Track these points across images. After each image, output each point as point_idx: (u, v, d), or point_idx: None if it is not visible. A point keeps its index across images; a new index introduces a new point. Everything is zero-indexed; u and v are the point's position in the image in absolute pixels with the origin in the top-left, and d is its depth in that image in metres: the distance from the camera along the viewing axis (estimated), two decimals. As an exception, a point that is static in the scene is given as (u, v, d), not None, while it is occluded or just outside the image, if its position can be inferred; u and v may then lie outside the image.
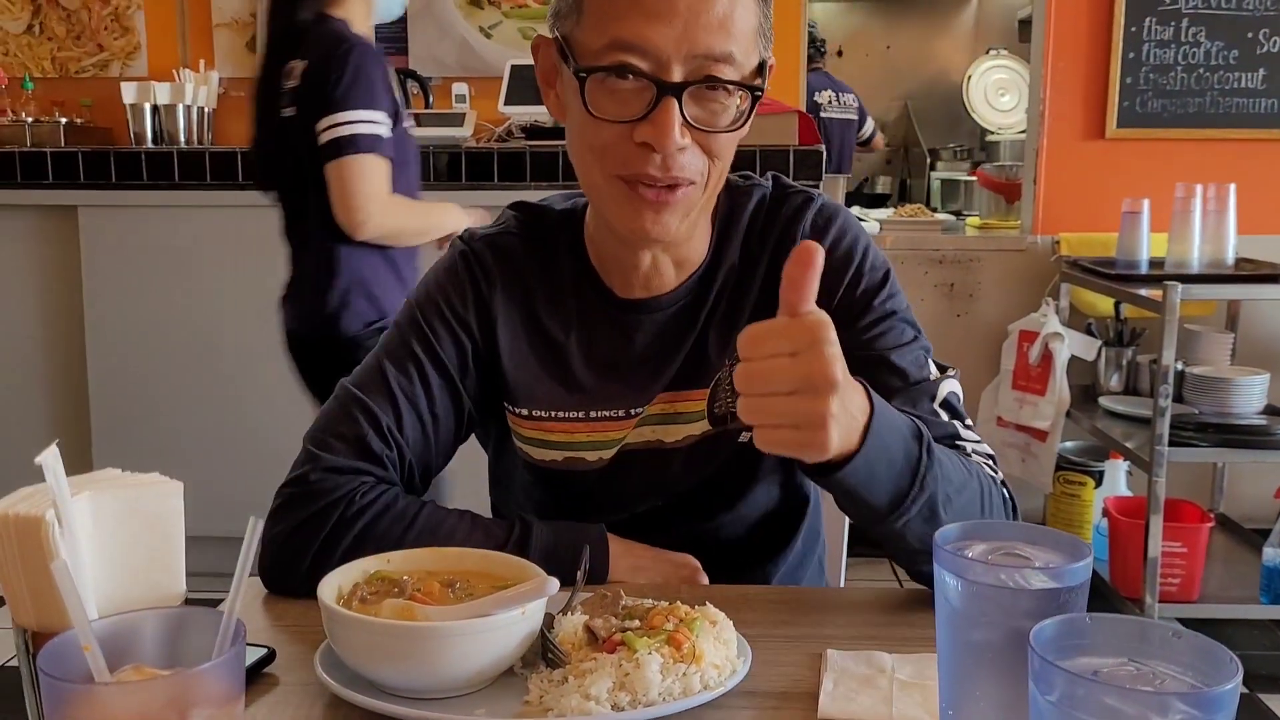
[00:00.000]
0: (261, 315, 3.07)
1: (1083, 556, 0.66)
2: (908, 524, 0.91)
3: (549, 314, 1.11)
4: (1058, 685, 0.53)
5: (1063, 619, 0.57)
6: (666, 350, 1.09)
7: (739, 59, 0.94)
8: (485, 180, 2.98)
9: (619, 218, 1.01)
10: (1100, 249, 3.22)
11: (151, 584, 0.63)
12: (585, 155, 1.00)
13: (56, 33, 3.54)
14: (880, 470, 0.89)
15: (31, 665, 0.63)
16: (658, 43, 0.92)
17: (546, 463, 1.12)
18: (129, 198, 3.05)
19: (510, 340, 1.10)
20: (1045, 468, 3.10)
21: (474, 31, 3.48)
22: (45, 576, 0.61)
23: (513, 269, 1.11)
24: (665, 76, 0.93)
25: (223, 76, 3.51)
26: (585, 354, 1.10)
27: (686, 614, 0.85)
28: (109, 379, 3.13)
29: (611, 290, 1.10)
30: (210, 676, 0.53)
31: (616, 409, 1.09)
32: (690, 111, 0.94)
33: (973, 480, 0.98)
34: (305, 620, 0.95)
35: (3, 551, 0.62)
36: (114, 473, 0.69)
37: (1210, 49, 3.27)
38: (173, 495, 0.68)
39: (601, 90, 0.95)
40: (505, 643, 0.80)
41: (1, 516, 0.62)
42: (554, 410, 1.10)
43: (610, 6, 0.94)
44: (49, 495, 0.62)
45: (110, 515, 0.64)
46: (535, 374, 1.10)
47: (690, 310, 1.09)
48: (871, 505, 0.91)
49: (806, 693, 0.84)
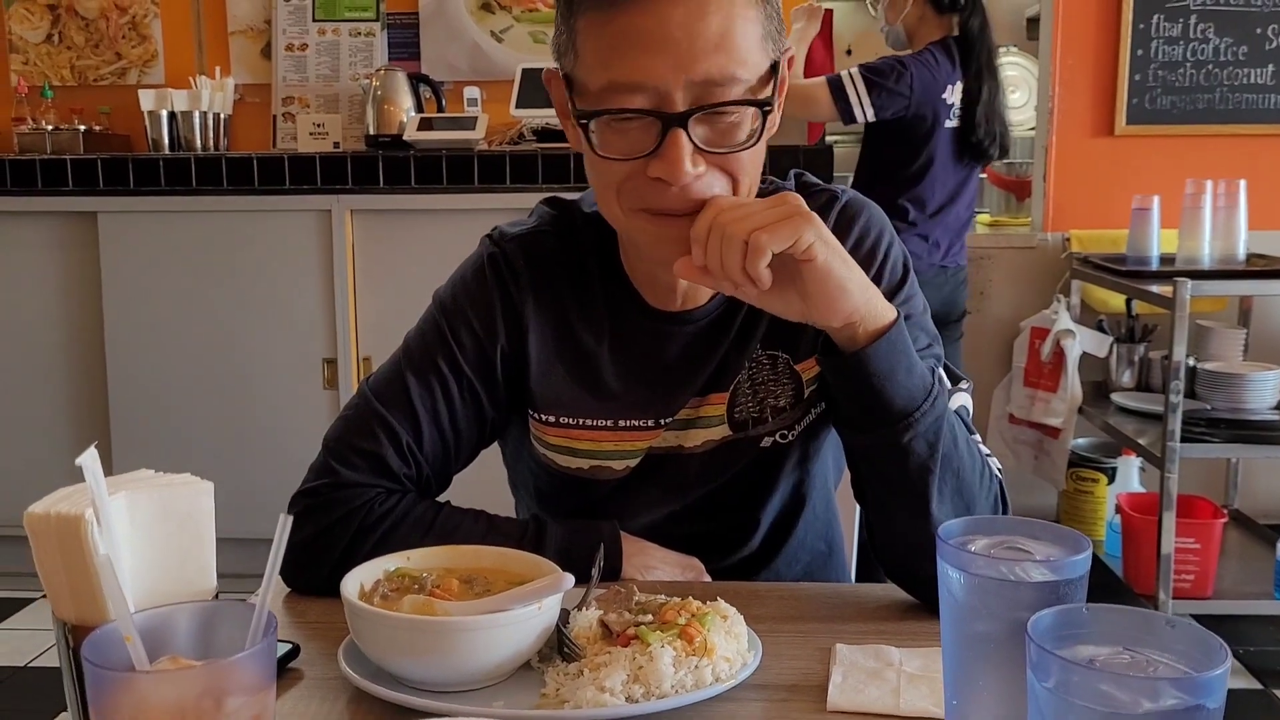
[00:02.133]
0: (278, 318, 3.12)
1: (1081, 550, 0.68)
2: (913, 441, 0.94)
3: (581, 322, 1.09)
4: (1054, 673, 0.55)
5: (1060, 609, 0.59)
6: (697, 360, 1.09)
7: (743, 75, 0.91)
8: (498, 183, 3.00)
9: (650, 249, 1.00)
10: (1111, 245, 3.23)
11: (184, 580, 0.65)
12: (604, 193, 0.98)
13: (75, 41, 3.58)
14: (900, 369, 0.93)
15: (71, 656, 0.66)
16: (656, 76, 0.89)
17: (572, 470, 1.12)
18: (147, 203, 3.09)
19: (540, 347, 1.09)
20: (1058, 464, 3.12)
21: (485, 36, 3.51)
22: (84, 572, 0.64)
23: (545, 273, 1.10)
24: (669, 108, 0.90)
25: (238, 83, 3.55)
26: (616, 363, 1.09)
27: (698, 609, 0.88)
28: (128, 381, 3.17)
29: (644, 301, 1.09)
30: (244, 666, 0.56)
31: (645, 418, 1.09)
32: (701, 136, 0.92)
33: (975, 452, 1.01)
34: (328, 617, 0.97)
35: (44, 548, 0.65)
36: (147, 473, 0.72)
37: (1219, 45, 3.28)
38: (204, 494, 0.71)
39: (609, 130, 0.93)
40: (522, 637, 0.82)
41: (43, 515, 0.64)
42: (582, 418, 1.10)
43: (603, 46, 0.91)
44: (87, 495, 0.65)
45: (145, 514, 0.66)
46: (564, 381, 1.09)
47: (723, 321, 1.09)
48: (885, 403, 0.93)
49: (816, 685, 0.86)
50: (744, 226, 0.87)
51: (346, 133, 3.41)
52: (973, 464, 1.00)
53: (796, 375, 1.10)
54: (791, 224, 0.87)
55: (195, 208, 3.09)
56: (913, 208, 2.88)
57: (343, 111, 3.49)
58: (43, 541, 0.65)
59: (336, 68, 3.52)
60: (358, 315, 3.12)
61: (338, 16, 3.51)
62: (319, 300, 3.10)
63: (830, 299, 0.90)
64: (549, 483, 1.15)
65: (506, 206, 3.00)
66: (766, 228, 0.87)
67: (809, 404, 1.11)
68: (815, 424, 1.12)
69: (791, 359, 1.09)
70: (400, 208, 3.05)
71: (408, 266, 3.06)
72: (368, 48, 3.52)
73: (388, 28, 3.54)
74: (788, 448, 1.12)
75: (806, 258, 0.88)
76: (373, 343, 3.11)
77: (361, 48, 3.52)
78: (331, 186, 3.04)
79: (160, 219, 3.10)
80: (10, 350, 3.21)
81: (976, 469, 1.00)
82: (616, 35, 0.90)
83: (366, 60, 3.51)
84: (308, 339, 3.12)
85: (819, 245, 0.88)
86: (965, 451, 0.99)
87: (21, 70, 3.57)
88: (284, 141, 3.50)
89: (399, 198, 3.04)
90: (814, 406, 1.11)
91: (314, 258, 3.09)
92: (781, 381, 1.10)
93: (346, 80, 3.51)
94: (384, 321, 3.10)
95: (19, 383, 3.22)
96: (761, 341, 1.09)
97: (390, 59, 3.52)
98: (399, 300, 3.06)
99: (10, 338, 3.21)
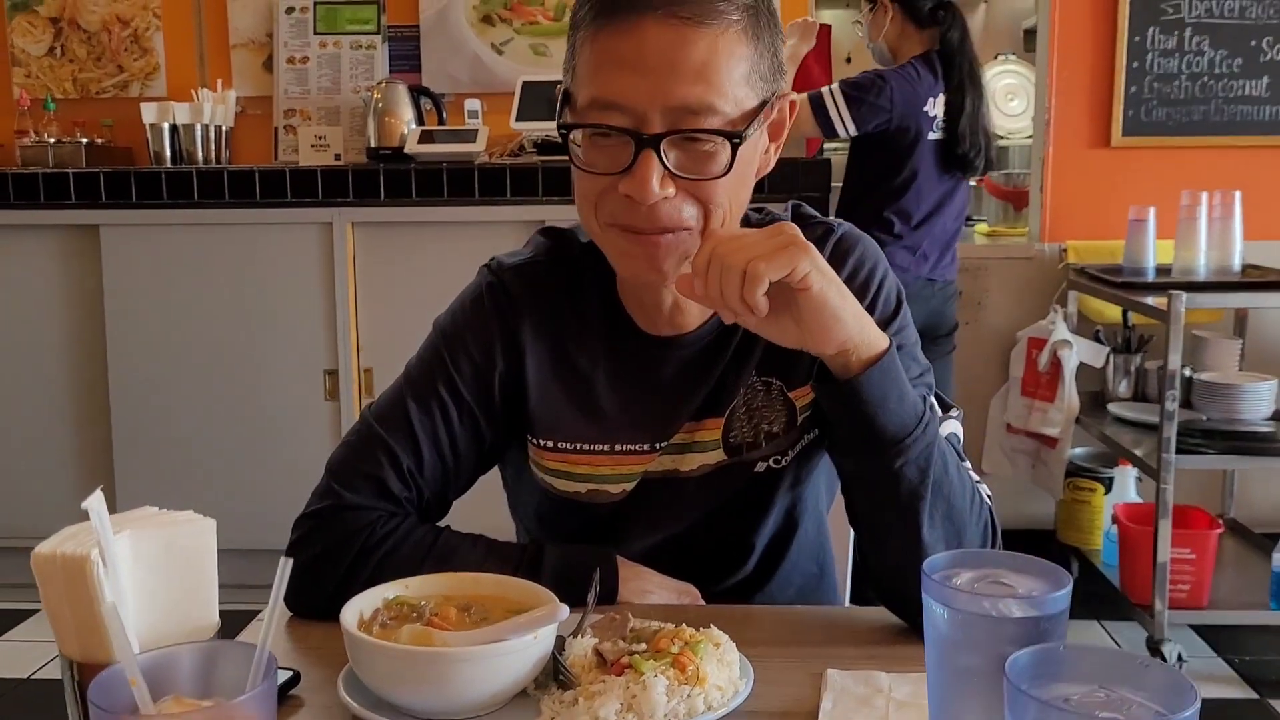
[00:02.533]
0: (279, 329, 3.14)
1: (1062, 586, 0.70)
2: (904, 467, 0.96)
3: (576, 347, 1.12)
4: (1031, 712, 0.57)
5: (1037, 649, 0.61)
6: (691, 384, 1.11)
7: (721, 107, 0.94)
8: (498, 195, 3.02)
9: (618, 263, 1.04)
10: (1107, 256, 3.25)
11: (188, 616, 0.67)
12: (582, 204, 1.02)
13: (77, 54, 3.61)
14: (892, 397, 0.95)
15: (77, 692, 0.68)
16: (634, 97, 0.93)
17: (570, 494, 1.14)
18: (149, 216, 3.11)
19: (537, 372, 1.11)
20: (1055, 474, 3.13)
21: (486, 48, 3.53)
22: (90, 612, 0.65)
23: (541, 299, 1.12)
24: (644, 129, 0.94)
25: (240, 96, 3.57)
26: (611, 387, 1.12)
27: (691, 637, 0.89)
28: (130, 392, 3.19)
29: (638, 326, 1.12)
30: (246, 707, 0.57)
31: (641, 443, 1.11)
32: (674, 160, 0.95)
33: (966, 479, 1.03)
34: (328, 644, 0.99)
35: (51, 588, 0.67)
36: (150, 510, 0.73)
37: (1214, 57, 3.29)
38: (206, 532, 0.73)
39: (590, 144, 0.97)
40: (519, 666, 0.84)
41: (49, 555, 0.66)
42: (578, 442, 1.12)
43: (592, 63, 0.95)
44: (93, 535, 0.67)
45: (149, 553, 0.68)
46: (561, 405, 1.12)
47: (715, 346, 1.11)
48: (878, 430, 0.95)
49: (807, 711, 0.88)
50: (742, 257, 0.89)
51: (348, 145, 3.43)
52: (963, 490, 1.02)
53: (790, 402, 1.11)
54: (788, 254, 0.90)
55: (197, 220, 3.11)
56: (898, 220, 2.90)
57: (344, 124, 3.51)
58: (49, 582, 0.66)
59: (338, 80, 3.54)
60: (359, 327, 3.14)
61: (339, 29, 3.53)
62: (320, 312, 3.12)
63: (825, 327, 0.93)
64: (548, 507, 1.17)
65: (507, 219, 3.02)
66: (764, 257, 0.89)
67: (802, 430, 1.13)
68: (808, 449, 1.14)
69: (785, 386, 1.11)
70: (401, 220, 3.07)
71: (408, 278, 3.08)
72: (369, 60, 3.54)
73: (389, 40, 3.56)
74: (781, 472, 1.14)
75: (802, 286, 0.91)
76: (374, 354, 3.13)
77: (362, 60, 3.54)
78: (333, 199, 3.07)
79: (162, 232, 3.12)
80: (12, 362, 3.23)
81: (967, 495, 1.02)
82: (604, 54, 0.95)
83: (367, 73, 3.53)
84: (309, 350, 3.14)
85: (815, 274, 0.91)
86: (956, 478, 1.01)
87: (24, 83, 3.60)
88: (285, 154, 3.52)
89: (400, 210, 3.06)
90: (807, 433, 1.13)
91: (315, 270, 3.11)
92: (775, 408, 1.11)
93: (348, 93, 3.53)
94: (385, 333, 3.12)
95: (21, 395, 3.24)
96: (757, 368, 1.11)
97: (391, 71, 3.54)
98: (400, 312, 3.08)
99: (13, 349, 3.23)
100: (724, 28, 0.94)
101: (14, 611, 3.10)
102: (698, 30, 0.93)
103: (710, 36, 0.93)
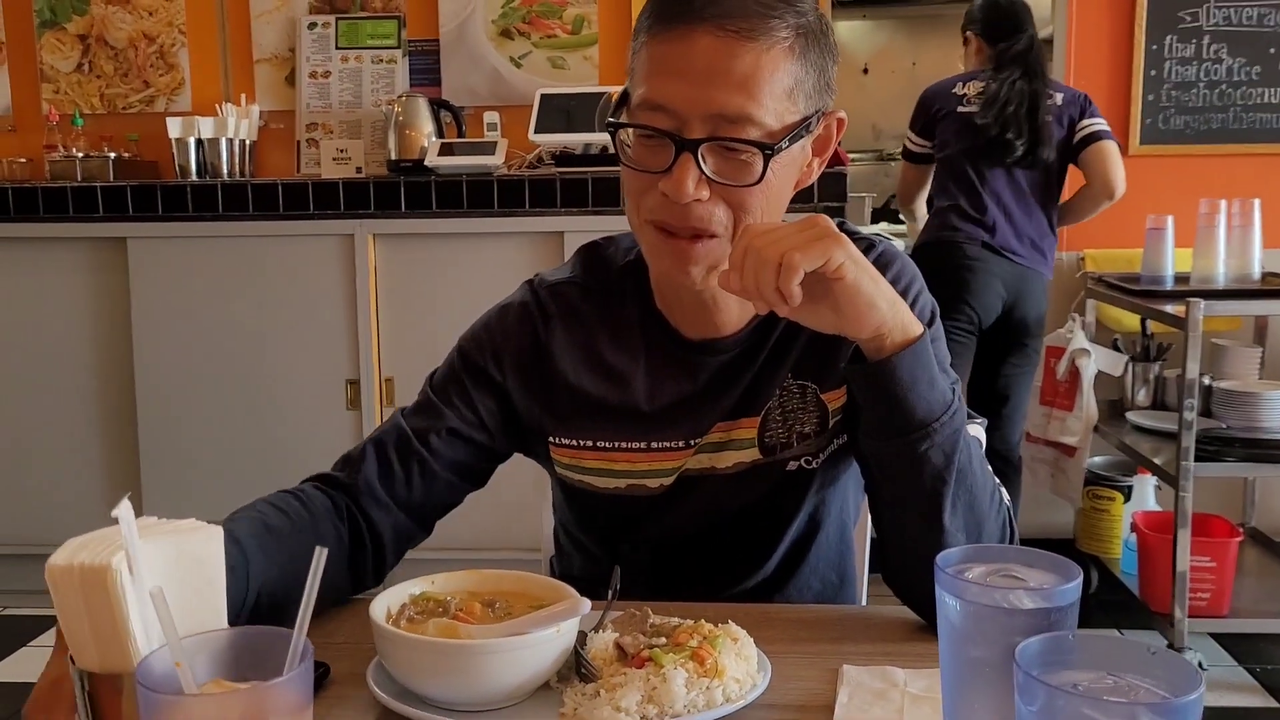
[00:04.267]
0: (302, 339, 3.18)
1: (1072, 578, 0.71)
2: (930, 450, 0.98)
3: (613, 349, 1.16)
4: (1040, 697, 0.59)
5: (1047, 637, 0.62)
6: (727, 385, 1.15)
7: (761, 119, 0.98)
8: (517, 207, 3.06)
9: (652, 259, 1.09)
10: (1126, 265, 3.25)
11: (198, 623, 0.68)
12: (628, 198, 1.07)
13: (105, 70, 3.67)
14: (922, 380, 0.98)
15: (88, 705, 0.69)
16: (677, 101, 0.98)
17: (610, 490, 1.17)
18: (175, 229, 3.16)
19: (571, 376, 1.16)
20: (1074, 483, 3.13)
21: (505, 61, 3.57)
22: (110, 621, 0.67)
23: (576, 309, 1.18)
24: (685, 133, 0.98)
25: (263, 110, 3.62)
26: (649, 387, 1.15)
27: (710, 631, 0.91)
28: (156, 400, 3.23)
29: (678, 330, 1.15)
30: (285, 689, 0.60)
31: (676, 440, 1.15)
32: (712, 165, 0.99)
33: (988, 474, 1.05)
34: (356, 638, 1.02)
35: (67, 599, 0.68)
36: (151, 520, 0.74)
37: (1232, 65, 3.30)
38: (214, 540, 0.74)
39: (637, 142, 1.02)
40: (542, 659, 0.86)
41: (66, 567, 0.67)
42: (617, 440, 1.15)
43: (647, 65, 1.00)
44: (105, 543, 0.68)
45: (161, 561, 0.69)
46: (597, 407, 1.15)
47: (752, 349, 1.15)
48: (906, 411, 0.98)
49: (823, 705, 0.89)
50: (777, 248, 0.92)
51: (369, 158, 3.48)
52: (985, 484, 1.04)
53: (823, 404, 1.15)
54: (822, 245, 0.92)
55: (222, 233, 3.15)
56: (952, 184, 3.15)
57: (365, 137, 3.56)
58: (65, 592, 0.67)
59: (359, 94, 3.59)
60: (380, 336, 3.18)
61: (360, 44, 3.58)
62: (342, 322, 3.16)
63: (859, 313, 0.95)
64: (589, 503, 1.20)
65: (526, 230, 3.06)
66: (799, 248, 0.92)
67: (833, 433, 1.16)
68: (837, 453, 1.18)
69: (819, 389, 1.15)
70: (422, 231, 3.11)
71: (429, 288, 3.11)
72: (389, 74, 3.58)
73: (409, 54, 3.61)
74: (812, 474, 1.17)
75: (837, 276, 0.93)
76: (395, 364, 3.17)
77: (384, 74, 3.59)
78: (354, 211, 3.11)
79: (188, 244, 3.17)
80: (42, 372, 3.28)
81: (988, 490, 1.04)
82: (657, 59, 0.99)
83: (388, 86, 3.57)
84: (331, 360, 3.18)
85: (848, 264, 0.93)
86: (979, 471, 1.03)
87: (53, 99, 3.66)
88: (308, 167, 3.57)
89: (420, 221, 3.10)
90: (837, 436, 1.17)
91: (337, 281, 3.15)
92: (809, 410, 1.15)
93: (369, 106, 3.58)
94: (406, 342, 3.16)
95: (50, 404, 3.29)
96: (792, 371, 1.15)
97: (412, 85, 3.58)
98: (421, 321, 3.12)
99: (42, 359, 3.28)
100: (771, 44, 0.97)
101: (43, 618, 3.15)
102: (745, 44, 0.97)
103: (757, 51, 0.97)
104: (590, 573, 1.21)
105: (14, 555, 3.26)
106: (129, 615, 0.66)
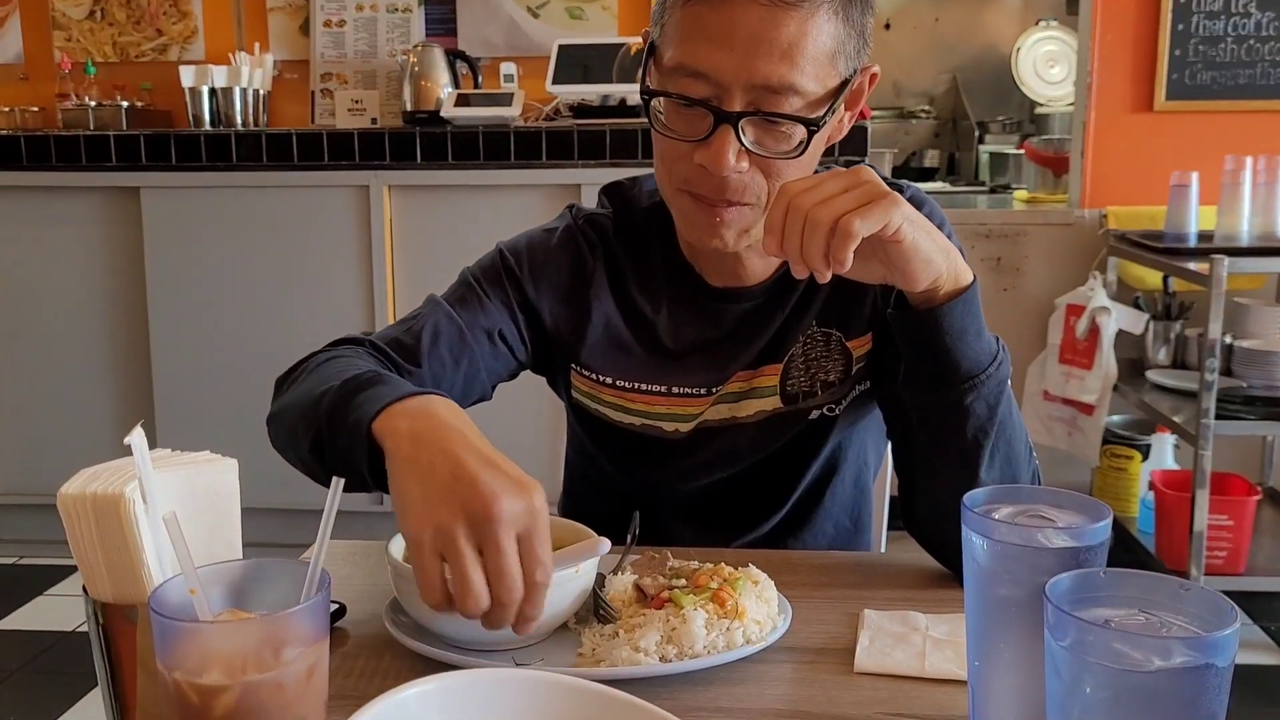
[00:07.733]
0: (317, 290, 3.17)
1: (1102, 518, 0.70)
2: (975, 403, 0.96)
3: (640, 291, 1.15)
4: (1071, 632, 0.57)
5: (1078, 573, 0.61)
6: (750, 334, 1.13)
7: (804, 87, 0.94)
8: (534, 159, 3.03)
9: (682, 225, 1.07)
10: (1148, 222, 3.21)
11: (212, 555, 0.67)
12: (658, 164, 1.04)
13: (117, 18, 3.63)
14: (970, 330, 0.95)
15: (102, 634, 0.68)
16: (719, 70, 0.94)
17: (624, 424, 1.17)
18: (189, 179, 3.14)
19: (606, 310, 1.15)
20: (1092, 441, 3.11)
21: (522, 11, 3.52)
22: (123, 550, 0.66)
23: (611, 247, 1.17)
24: (725, 104, 0.95)
25: (277, 59, 3.58)
26: (673, 332, 1.14)
27: (730, 574, 0.91)
28: (170, 351, 3.23)
29: (702, 277, 1.14)
30: (300, 618, 0.59)
31: (698, 387, 1.14)
32: (751, 137, 0.96)
33: (1023, 426, 1.03)
34: (372, 579, 1.02)
35: (79, 528, 0.67)
36: (165, 452, 0.73)
37: (1261, 20, 3.23)
38: (228, 471, 0.73)
39: (672, 107, 0.99)
40: (560, 599, 0.85)
41: (78, 496, 0.66)
42: (637, 382, 1.15)
43: (683, 26, 0.96)
44: (119, 473, 0.67)
45: (174, 492, 0.68)
46: (623, 346, 1.15)
47: (777, 297, 1.13)
48: (954, 362, 0.95)
49: (844, 648, 0.89)
50: (830, 212, 0.85)
51: (384, 109, 3.44)
52: (1022, 436, 1.03)
53: (848, 352, 1.13)
54: (880, 207, 0.86)
55: (236, 183, 3.13)
56: None
57: (380, 88, 3.52)
58: (78, 521, 0.66)
59: (374, 44, 3.55)
60: (395, 288, 3.16)
61: (375, -7, 3.54)
62: (357, 273, 3.15)
63: (915, 270, 0.90)
64: (602, 430, 1.18)
65: (542, 182, 3.03)
66: (857, 212, 0.85)
67: (855, 380, 1.14)
68: (859, 398, 1.16)
69: (844, 336, 1.13)
70: (437, 183, 3.08)
71: (445, 241, 3.09)
72: (405, 24, 3.54)
73: (425, 4, 3.56)
74: (833, 420, 1.16)
75: (895, 239, 0.88)
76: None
77: (399, 24, 3.54)
78: (369, 162, 3.08)
79: (201, 194, 3.15)
80: (56, 323, 3.28)
81: (1023, 441, 1.03)
82: (695, 21, 0.95)
83: (404, 36, 3.53)
84: (346, 311, 3.17)
85: (906, 226, 0.88)
86: (1018, 423, 1.02)
87: (65, 47, 3.63)
88: (322, 117, 3.54)
89: (436, 173, 3.07)
90: (859, 383, 1.15)
91: (352, 232, 3.13)
92: (833, 358, 1.13)
93: (384, 56, 3.54)
94: (421, 293, 3.10)
95: (64, 355, 3.29)
96: (816, 319, 1.13)
97: (427, 35, 3.54)
98: (436, 273, 3.07)
99: (56, 310, 3.28)
100: (815, 8, 0.93)
101: (59, 567, 3.17)
102: (788, 11, 0.93)
103: (800, 18, 0.93)
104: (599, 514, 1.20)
105: (29, 505, 3.29)
106: (142, 545, 0.66)
